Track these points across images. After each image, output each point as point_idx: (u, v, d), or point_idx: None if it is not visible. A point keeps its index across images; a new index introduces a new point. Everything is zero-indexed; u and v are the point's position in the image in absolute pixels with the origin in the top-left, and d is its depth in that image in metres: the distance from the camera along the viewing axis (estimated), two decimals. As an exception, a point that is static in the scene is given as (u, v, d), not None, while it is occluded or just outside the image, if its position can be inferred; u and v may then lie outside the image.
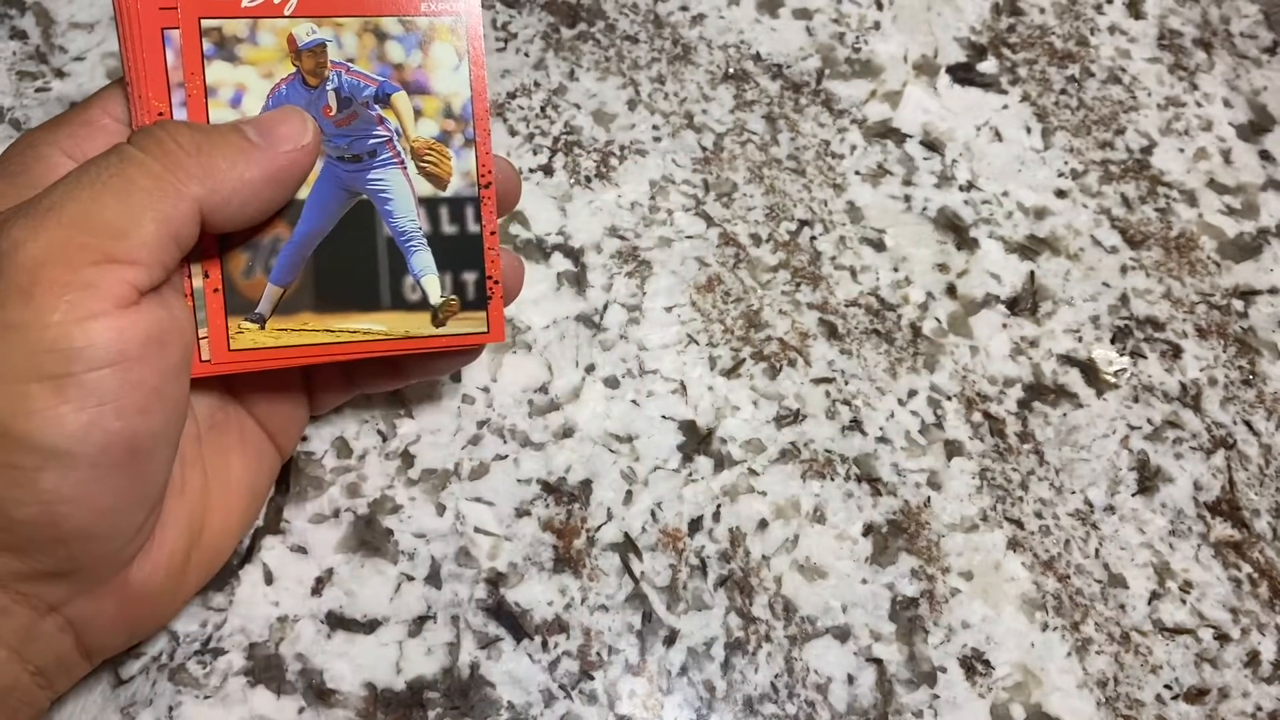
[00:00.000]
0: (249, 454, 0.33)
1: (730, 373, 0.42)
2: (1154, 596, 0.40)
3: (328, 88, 0.30)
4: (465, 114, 0.31)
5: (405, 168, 0.31)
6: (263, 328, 0.30)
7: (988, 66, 0.49)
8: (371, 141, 0.31)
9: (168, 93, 0.29)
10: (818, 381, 0.42)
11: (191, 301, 0.29)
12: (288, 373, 0.34)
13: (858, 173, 0.46)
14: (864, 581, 0.39)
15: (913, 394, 0.42)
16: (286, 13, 0.30)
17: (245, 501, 0.33)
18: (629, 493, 0.39)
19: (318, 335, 0.31)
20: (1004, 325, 0.44)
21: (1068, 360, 0.44)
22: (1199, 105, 0.49)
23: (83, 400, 0.24)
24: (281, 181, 0.29)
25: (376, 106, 0.31)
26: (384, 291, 0.31)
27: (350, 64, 0.30)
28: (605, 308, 0.42)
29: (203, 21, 0.29)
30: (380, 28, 0.30)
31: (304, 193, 0.30)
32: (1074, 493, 0.41)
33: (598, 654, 0.37)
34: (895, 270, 0.44)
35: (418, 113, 0.31)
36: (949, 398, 0.42)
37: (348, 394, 0.37)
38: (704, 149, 0.46)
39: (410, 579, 0.37)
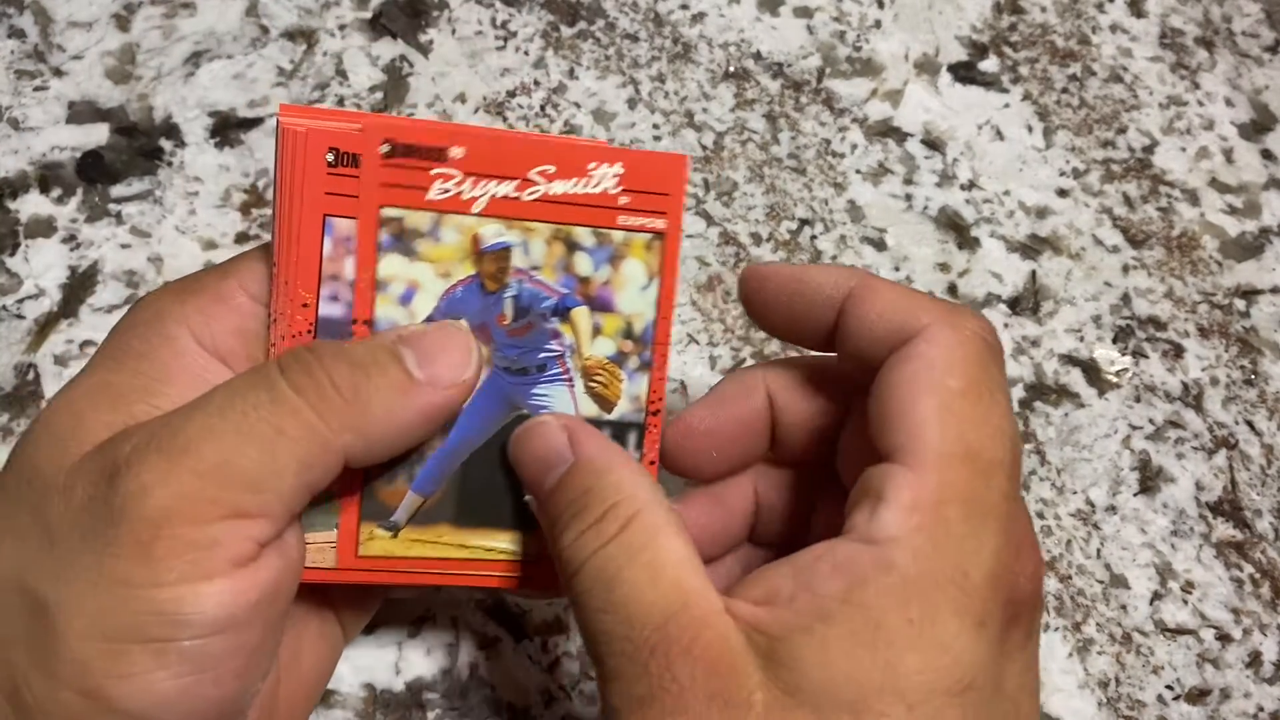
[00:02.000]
0: (323, 645, 0.31)
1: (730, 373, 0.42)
2: (1155, 597, 0.40)
3: (506, 295, 0.28)
4: (646, 337, 0.29)
5: (573, 386, 0.29)
6: (395, 536, 0.28)
7: (989, 65, 0.49)
8: (542, 355, 0.29)
9: (318, 284, 0.27)
10: (818, 381, 0.42)
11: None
12: None
13: (858, 172, 0.46)
14: (865, 582, 0.39)
15: (914, 394, 0.42)
16: (474, 210, 0.27)
17: (309, 692, 0.31)
18: (629, 493, 0.39)
19: (450, 550, 0.29)
20: (1005, 325, 0.44)
21: (1069, 360, 0.44)
22: (1201, 104, 0.49)
23: (180, 668, 0.23)
24: (435, 419, 0.26)
25: (555, 319, 0.29)
26: (528, 511, 0.29)
27: (533, 272, 0.28)
28: (605, 307, 0.42)
29: (383, 211, 0.27)
30: (572, 237, 0.28)
31: None
32: (1075, 493, 0.41)
33: (598, 655, 0.37)
34: (896, 270, 0.44)
35: (596, 330, 0.29)
36: (950, 397, 0.42)
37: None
38: (704, 148, 0.45)
39: (410, 579, 0.37)
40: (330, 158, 0.26)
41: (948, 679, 0.22)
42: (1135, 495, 0.41)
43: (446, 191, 0.27)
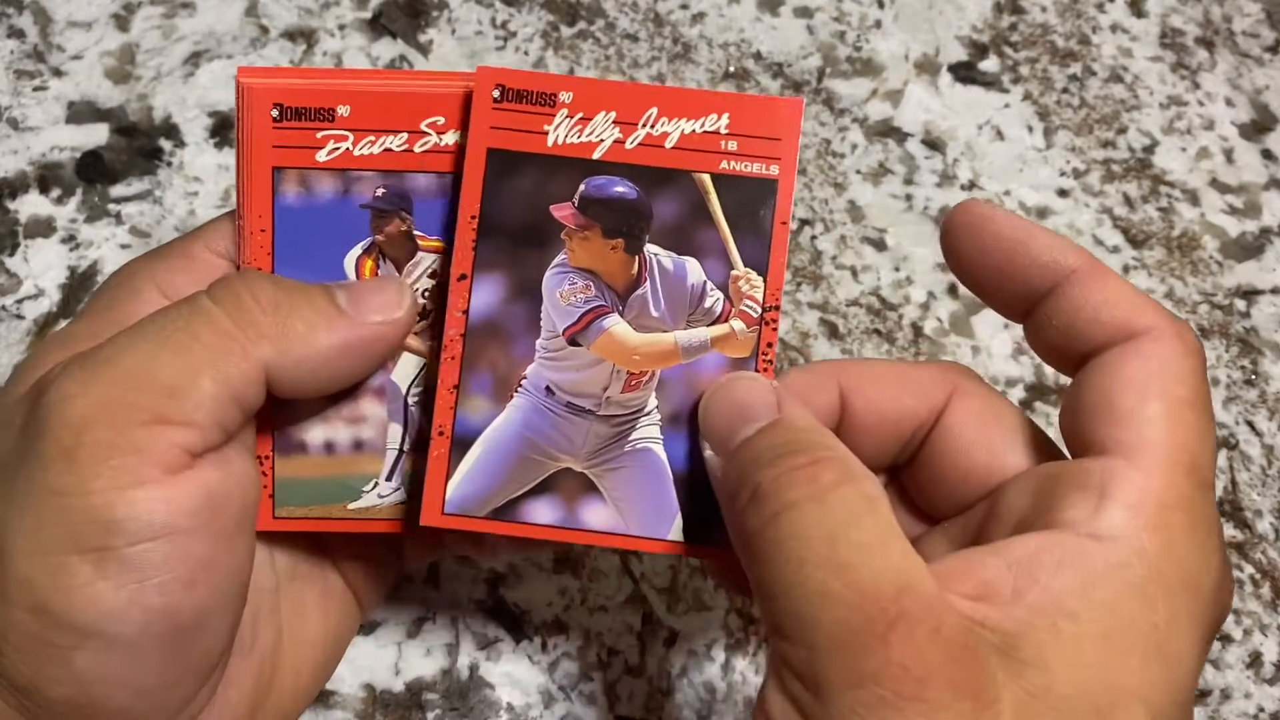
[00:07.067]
0: (330, 611, 0.31)
1: (731, 372, 0.42)
2: (1156, 597, 0.40)
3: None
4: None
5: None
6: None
7: (989, 65, 0.49)
8: None
9: (273, 234, 0.27)
10: (818, 381, 0.42)
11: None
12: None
13: (859, 172, 0.46)
14: (865, 582, 0.39)
15: (914, 394, 0.42)
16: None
17: (320, 659, 0.31)
18: (629, 493, 0.39)
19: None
20: (1006, 325, 0.44)
21: (1069, 360, 0.43)
22: (1201, 104, 0.49)
23: (122, 576, 0.23)
24: (361, 354, 0.26)
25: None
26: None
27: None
28: (605, 307, 0.42)
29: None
30: None
31: None
32: (1076, 493, 0.41)
33: (597, 655, 0.37)
34: (896, 270, 0.44)
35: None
36: (950, 398, 0.42)
37: (436, 553, 0.35)
38: (704, 148, 0.45)
39: (409, 579, 0.37)
40: (275, 113, 0.27)
41: (1182, 692, 0.21)
42: (1135, 495, 0.41)
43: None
